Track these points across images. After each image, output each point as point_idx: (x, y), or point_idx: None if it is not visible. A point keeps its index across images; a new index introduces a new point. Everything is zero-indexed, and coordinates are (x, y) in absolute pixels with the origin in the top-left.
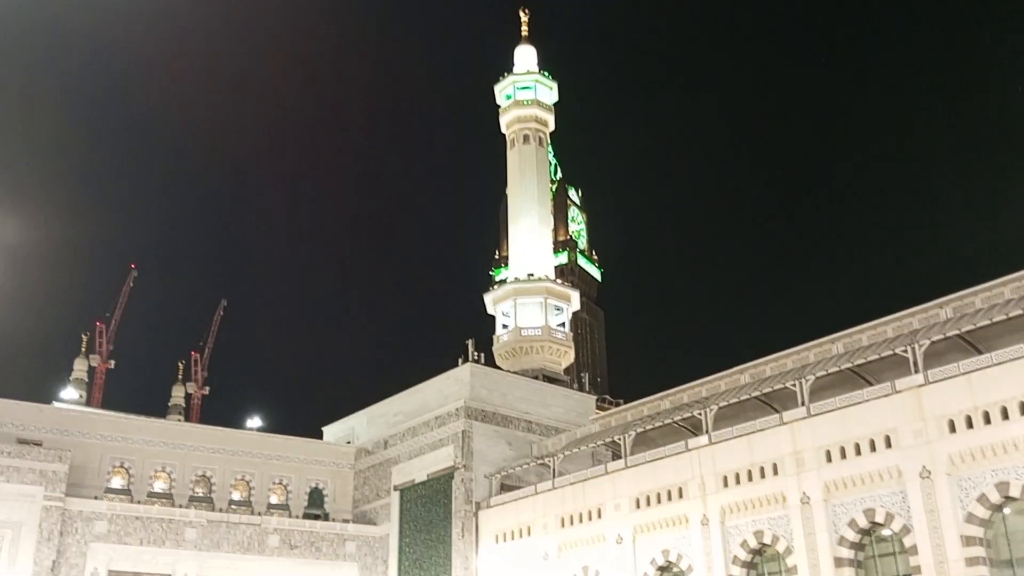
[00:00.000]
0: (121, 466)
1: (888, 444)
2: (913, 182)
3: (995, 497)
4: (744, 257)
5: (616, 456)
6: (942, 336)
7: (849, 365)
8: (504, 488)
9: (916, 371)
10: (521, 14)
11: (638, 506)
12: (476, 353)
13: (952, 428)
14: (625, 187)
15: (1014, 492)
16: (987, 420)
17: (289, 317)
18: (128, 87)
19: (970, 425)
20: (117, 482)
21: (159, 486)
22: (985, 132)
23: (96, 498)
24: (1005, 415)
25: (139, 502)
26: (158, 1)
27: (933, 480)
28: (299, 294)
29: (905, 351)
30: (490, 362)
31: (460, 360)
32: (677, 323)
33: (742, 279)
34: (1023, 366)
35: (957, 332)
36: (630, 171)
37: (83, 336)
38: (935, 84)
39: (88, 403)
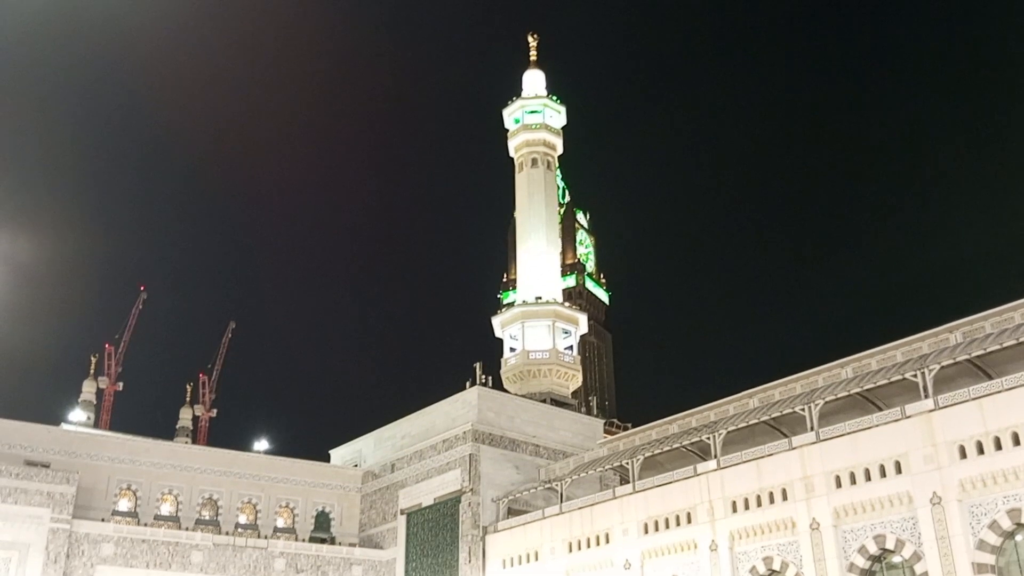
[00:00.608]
0: (128, 488)
1: (898, 470)
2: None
3: (1007, 524)
4: (753, 281)
5: (624, 480)
6: (952, 361)
7: (858, 389)
8: (511, 512)
9: (926, 396)
10: (530, 39)
11: (646, 531)
12: (484, 376)
13: (963, 454)
14: (633, 210)
15: None
16: (998, 446)
17: (297, 339)
18: (139, 107)
19: (981, 451)
20: (124, 504)
21: (166, 509)
22: (995, 150)
23: (103, 520)
24: (1016, 441)
25: (146, 525)
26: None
27: (944, 506)
28: (307, 316)
29: (915, 376)
30: (498, 385)
31: (468, 383)
32: (685, 347)
33: (750, 303)
34: None
35: (967, 357)
36: (638, 195)
37: (92, 358)
38: (944, 92)
39: (96, 425)
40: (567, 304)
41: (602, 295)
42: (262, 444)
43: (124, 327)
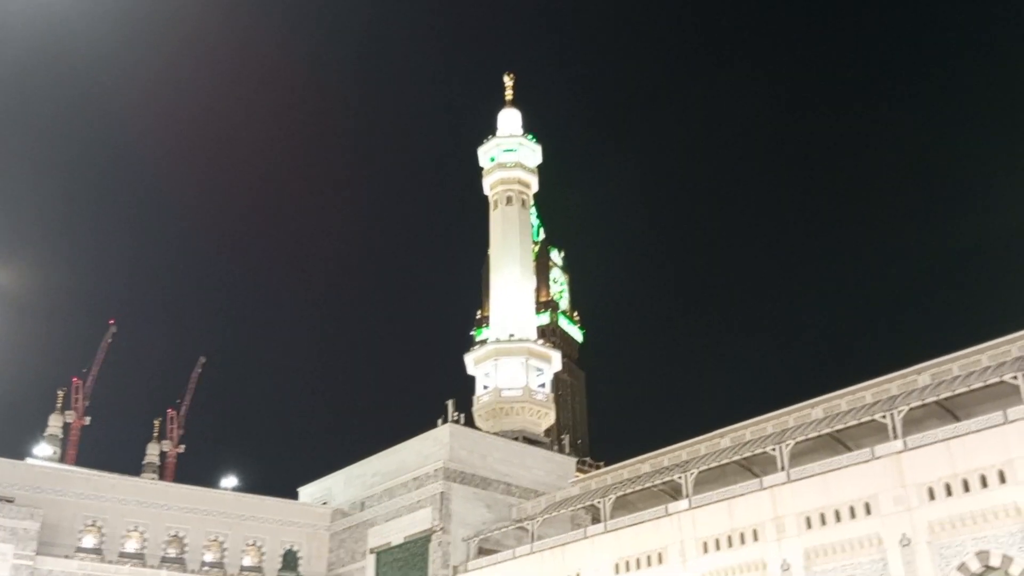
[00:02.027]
0: (93, 524)
1: (868, 511)
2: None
3: (975, 566)
4: (726, 321)
5: (596, 520)
6: (921, 402)
7: (829, 430)
8: (482, 552)
9: (895, 437)
10: (506, 78)
11: (617, 571)
12: (456, 413)
13: (932, 495)
14: (608, 249)
15: (994, 561)
16: (966, 488)
17: (267, 376)
18: (109, 140)
19: (949, 492)
20: (89, 541)
21: (131, 546)
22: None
23: (67, 557)
24: (984, 483)
25: (110, 562)
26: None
27: (913, 548)
28: (278, 352)
29: (884, 417)
30: (470, 423)
31: (440, 420)
32: (658, 385)
33: (723, 343)
34: (1000, 434)
35: (935, 399)
36: (613, 233)
37: (59, 392)
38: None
39: (62, 460)
40: (541, 341)
41: (576, 333)
42: (230, 481)
43: (92, 361)
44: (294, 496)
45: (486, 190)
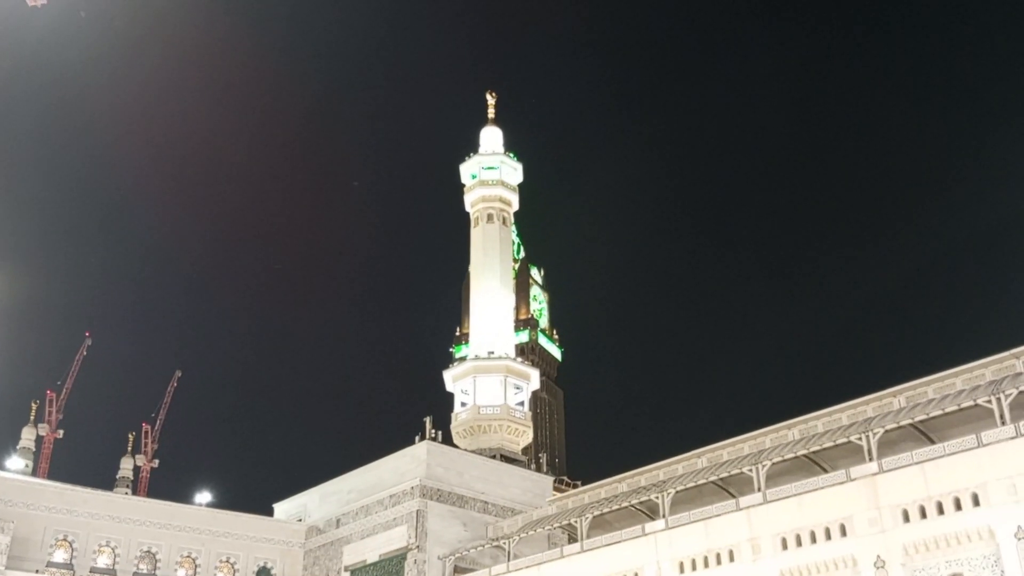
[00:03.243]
0: (65, 539)
1: (843, 532)
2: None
3: None
4: (705, 340)
5: (572, 539)
6: (896, 425)
7: (805, 451)
8: (458, 570)
9: (870, 459)
10: (488, 96)
11: None
12: (433, 431)
13: (906, 517)
14: (588, 268)
15: None
16: (940, 510)
17: (244, 391)
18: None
19: (924, 515)
20: (60, 555)
21: (103, 561)
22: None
23: (37, 572)
24: (958, 506)
25: None
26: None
27: (887, 570)
28: (254, 367)
29: (860, 439)
30: (448, 440)
31: (417, 437)
32: (636, 405)
33: (701, 362)
34: (975, 457)
35: (910, 421)
36: (593, 252)
37: (32, 404)
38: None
39: (34, 473)
40: (520, 359)
41: (555, 351)
42: (204, 497)
43: (67, 373)
44: (269, 512)
45: (467, 207)
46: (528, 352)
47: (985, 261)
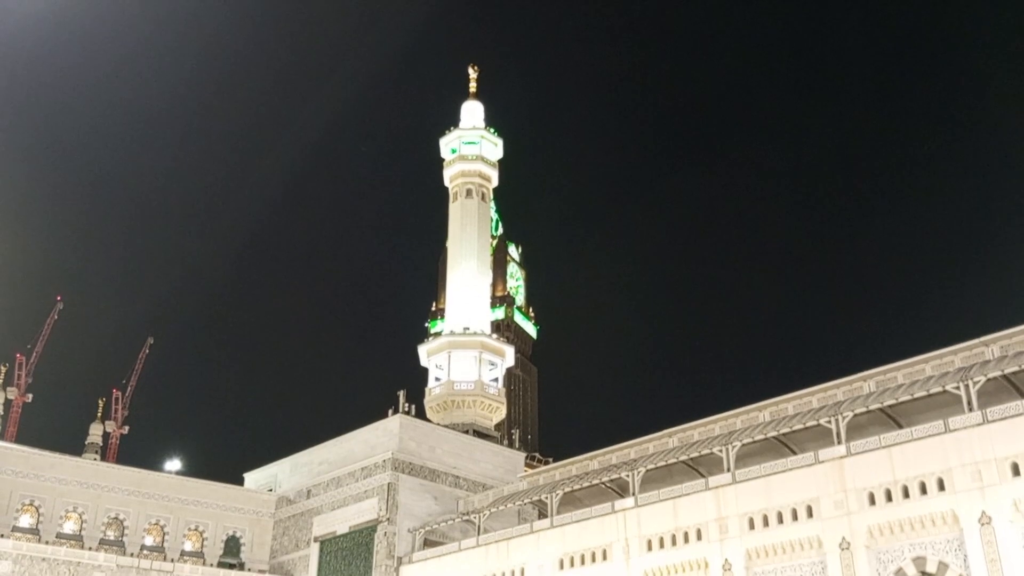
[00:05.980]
0: (31, 504)
1: (810, 514)
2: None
3: (912, 572)
4: (679, 321)
5: (542, 515)
6: (865, 409)
7: (775, 433)
8: (428, 543)
9: (839, 442)
10: (470, 70)
11: (562, 567)
12: (407, 405)
13: (872, 500)
14: (565, 246)
15: (930, 567)
16: (906, 494)
17: (216, 359)
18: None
19: (889, 498)
20: (26, 520)
21: (69, 527)
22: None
23: (2, 536)
24: (923, 490)
25: (47, 542)
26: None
27: (852, 552)
28: (227, 336)
29: (829, 422)
30: (421, 414)
31: (390, 411)
32: (609, 384)
33: (675, 343)
34: (941, 443)
35: (879, 406)
36: (570, 231)
37: (1, 367)
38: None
39: (1, 437)
40: (495, 336)
41: (530, 329)
42: (174, 464)
43: (36, 337)
44: (239, 482)
45: (446, 181)
46: (503, 329)
47: (959, 248)
